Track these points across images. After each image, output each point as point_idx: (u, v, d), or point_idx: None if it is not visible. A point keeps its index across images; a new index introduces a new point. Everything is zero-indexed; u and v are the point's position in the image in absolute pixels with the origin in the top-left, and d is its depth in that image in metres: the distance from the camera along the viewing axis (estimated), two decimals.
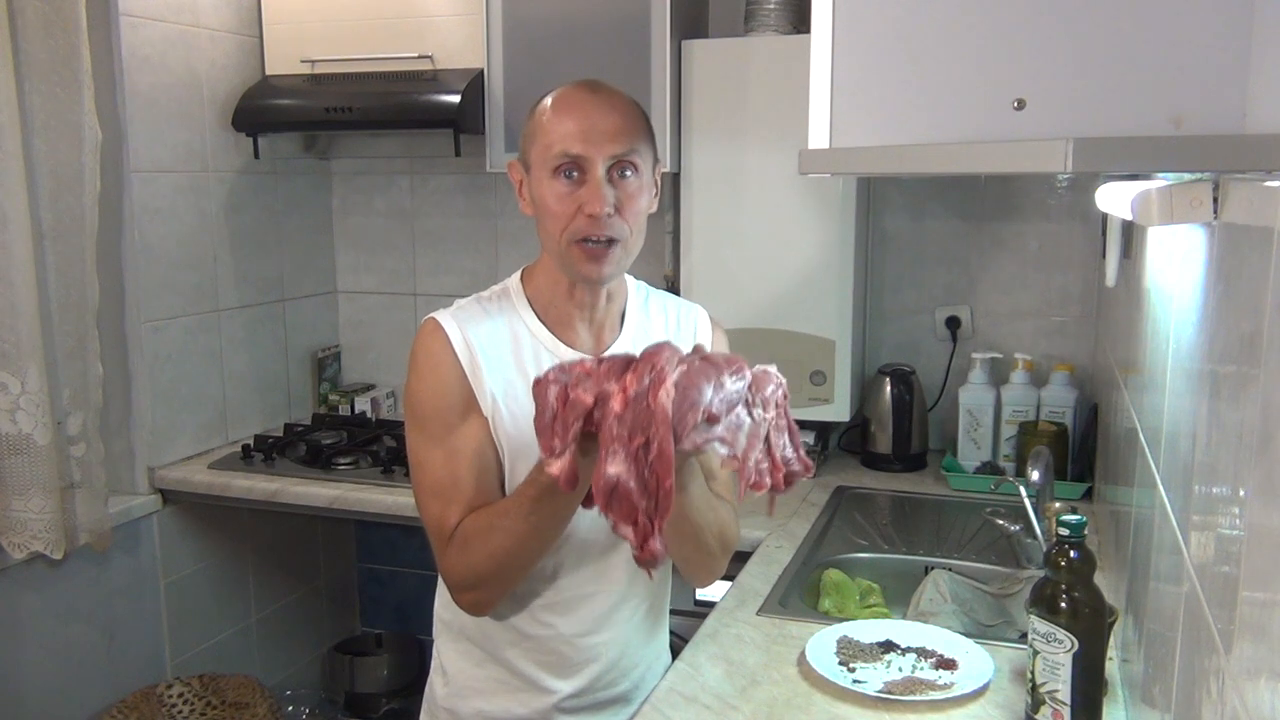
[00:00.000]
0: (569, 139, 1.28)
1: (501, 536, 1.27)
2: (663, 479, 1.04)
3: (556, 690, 1.41)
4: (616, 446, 1.05)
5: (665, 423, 1.04)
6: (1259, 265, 0.72)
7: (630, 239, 1.32)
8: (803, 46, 1.04)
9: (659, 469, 1.04)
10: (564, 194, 1.29)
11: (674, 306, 1.51)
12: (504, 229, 2.95)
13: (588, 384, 1.10)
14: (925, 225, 2.64)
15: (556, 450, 1.10)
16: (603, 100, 1.31)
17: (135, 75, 2.38)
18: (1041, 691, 1.24)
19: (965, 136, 0.93)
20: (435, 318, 1.36)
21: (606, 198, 1.28)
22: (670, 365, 1.08)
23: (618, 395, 1.07)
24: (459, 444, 1.32)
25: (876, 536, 2.07)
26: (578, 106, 1.30)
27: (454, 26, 2.59)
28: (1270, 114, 0.78)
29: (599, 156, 1.28)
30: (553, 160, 1.29)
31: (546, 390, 1.11)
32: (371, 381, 3.11)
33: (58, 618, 2.28)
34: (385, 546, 3.17)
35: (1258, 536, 0.68)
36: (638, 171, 1.31)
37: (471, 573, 1.30)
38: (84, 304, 2.24)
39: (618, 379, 1.09)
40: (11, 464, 2.12)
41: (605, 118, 1.29)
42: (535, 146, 1.32)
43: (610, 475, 1.05)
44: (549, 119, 1.31)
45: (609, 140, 1.28)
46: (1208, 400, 0.89)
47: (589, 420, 1.09)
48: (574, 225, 1.29)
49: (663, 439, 1.04)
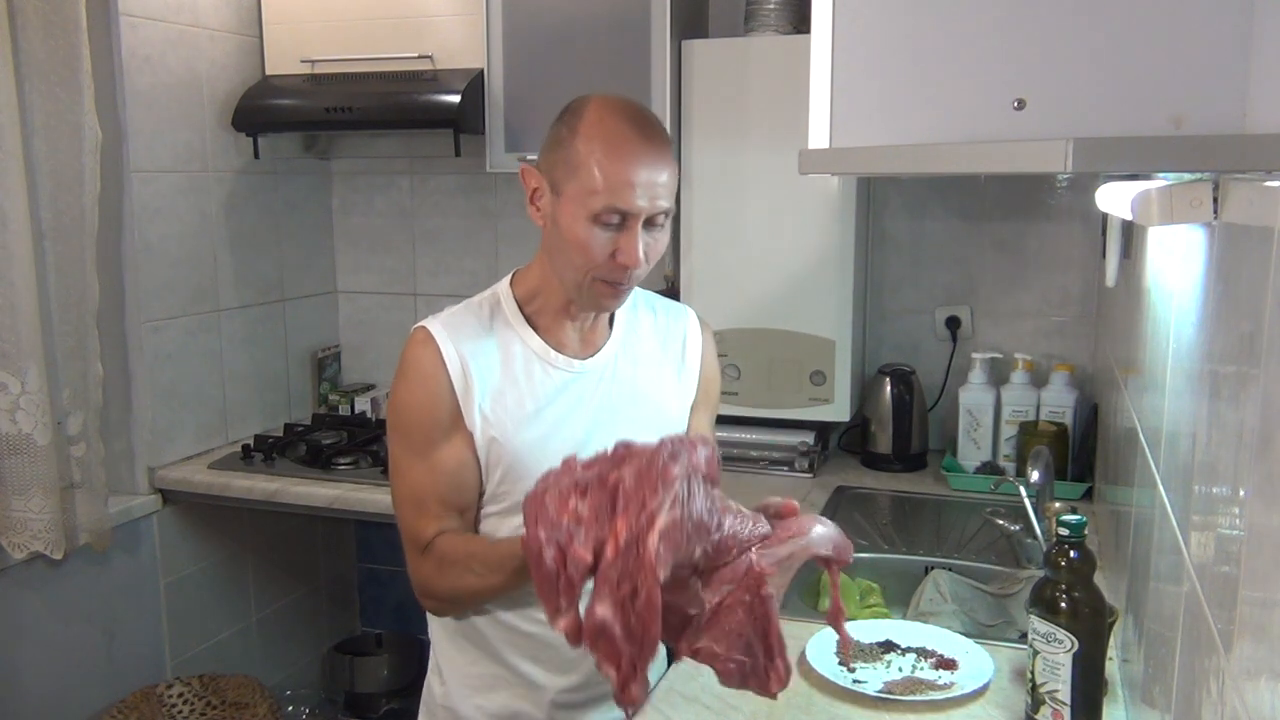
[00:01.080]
0: (622, 192, 1.23)
1: (473, 579, 1.32)
2: (648, 626, 1.03)
3: (553, 686, 1.41)
4: (605, 591, 1.04)
5: (652, 573, 1.02)
6: (1259, 265, 0.72)
7: (645, 274, 1.33)
8: (803, 46, 1.04)
9: (646, 616, 1.03)
10: (604, 241, 1.26)
11: (663, 309, 1.51)
12: (504, 229, 2.95)
13: (581, 536, 1.07)
14: (925, 225, 2.64)
15: (562, 609, 1.08)
16: (654, 149, 1.26)
17: (135, 75, 2.38)
18: (1041, 691, 1.24)
19: (965, 136, 0.93)
20: (427, 327, 1.36)
21: (643, 250, 1.27)
22: (662, 507, 1.05)
23: (610, 543, 1.05)
24: (440, 459, 1.33)
25: (876, 536, 2.07)
26: (630, 153, 1.24)
27: (454, 26, 2.59)
28: (1270, 114, 0.78)
29: (645, 213, 1.26)
30: (598, 207, 1.24)
31: (541, 549, 1.08)
32: (371, 381, 3.11)
33: (58, 618, 2.28)
34: (385, 546, 3.17)
35: (1258, 536, 0.68)
36: (668, 217, 1.30)
37: (436, 590, 1.36)
38: (84, 304, 2.24)
39: (608, 523, 1.06)
40: (11, 464, 2.12)
41: (658, 172, 1.25)
42: (575, 180, 1.26)
43: (598, 618, 1.04)
44: (599, 159, 1.24)
45: (660, 198, 1.26)
46: (1208, 400, 0.89)
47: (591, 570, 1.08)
48: (603, 268, 1.28)
49: (649, 588, 1.03)
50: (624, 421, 1.38)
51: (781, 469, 2.47)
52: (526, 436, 1.33)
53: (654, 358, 1.46)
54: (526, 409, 1.34)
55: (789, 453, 2.46)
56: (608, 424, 1.37)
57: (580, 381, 1.38)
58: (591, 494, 1.08)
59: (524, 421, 1.34)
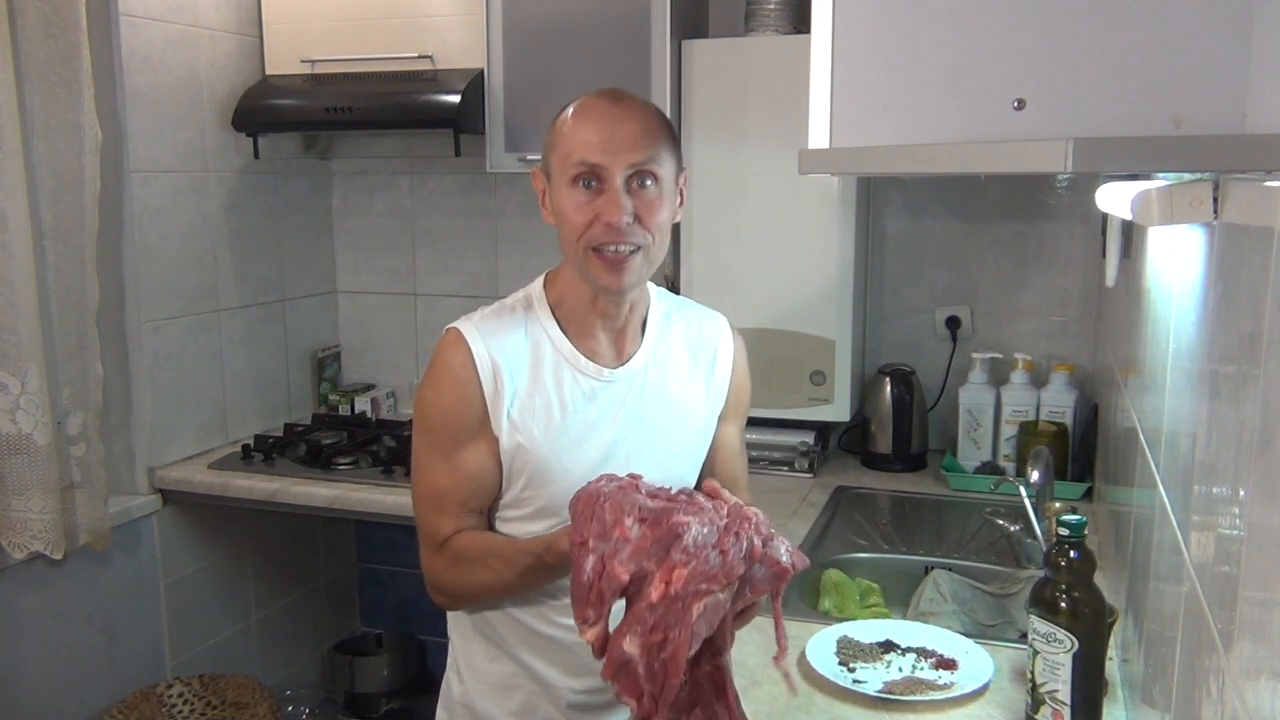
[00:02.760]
0: (587, 148, 1.26)
1: (489, 575, 1.32)
2: (670, 677, 1.06)
3: (569, 688, 1.41)
4: (637, 629, 1.06)
5: (688, 635, 1.05)
6: (1259, 265, 0.72)
7: (652, 247, 1.30)
8: (803, 46, 1.04)
9: (669, 667, 1.05)
10: (582, 203, 1.27)
11: (696, 316, 1.49)
12: (504, 229, 2.95)
13: (625, 555, 1.08)
14: (925, 225, 2.64)
15: (590, 620, 1.10)
16: (623, 109, 1.29)
17: (135, 75, 2.38)
18: (1041, 691, 1.24)
19: (965, 136, 0.93)
20: (459, 329, 1.34)
21: (625, 207, 1.26)
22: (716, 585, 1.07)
23: (659, 585, 1.06)
24: (463, 461, 1.33)
25: (876, 536, 2.07)
26: (597, 115, 1.28)
27: (454, 26, 2.59)
28: (1270, 114, 0.78)
29: (617, 166, 1.26)
30: (571, 169, 1.27)
31: (584, 558, 1.10)
32: (371, 381, 3.11)
33: (58, 618, 2.28)
34: (385, 546, 3.17)
35: (1258, 536, 0.68)
36: (658, 181, 1.29)
37: (450, 586, 1.36)
38: (84, 304, 2.24)
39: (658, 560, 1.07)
40: (11, 464, 2.12)
41: (625, 126, 1.27)
42: (555, 155, 1.30)
43: (624, 653, 1.06)
44: (569, 128, 1.29)
45: (628, 149, 1.26)
46: (1208, 400, 0.89)
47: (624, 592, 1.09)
48: (591, 233, 1.27)
49: (679, 647, 1.05)
50: (652, 430, 1.38)
51: (781, 469, 2.47)
52: (554, 443, 1.33)
53: (684, 366, 1.44)
54: (554, 415, 1.34)
55: (789, 453, 2.46)
56: (636, 433, 1.37)
57: (610, 390, 1.37)
58: (651, 525, 1.09)
59: (551, 428, 1.33)
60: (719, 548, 1.07)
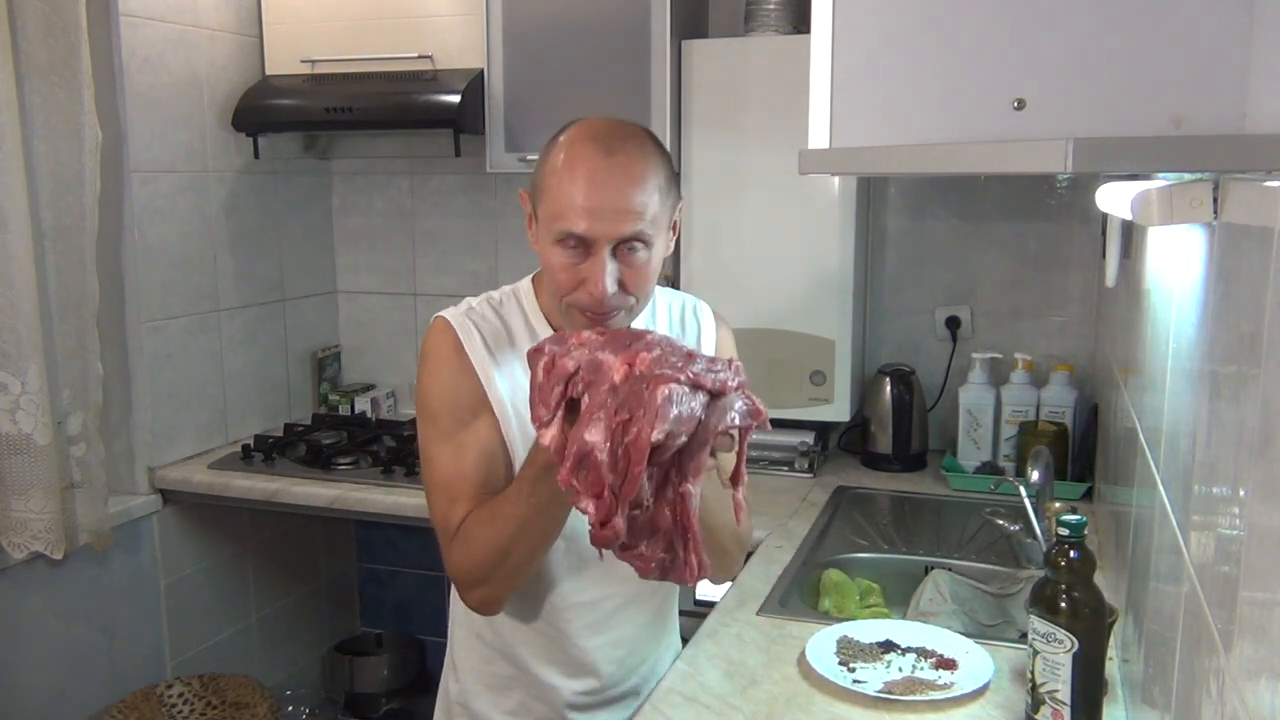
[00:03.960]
0: (574, 214, 1.19)
1: (503, 523, 1.24)
2: (634, 464, 1.02)
3: (566, 688, 1.42)
4: (600, 415, 1.03)
5: (654, 415, 1.01)
6: (1259, 265, 0.72)
7: (636, 304, 1.27)
8: (803, 46, 1.04)
9: (632, 453, 1.02)
10: (567, 264, 1.22)
11: (678, 303, 1.50)
12: (504, 229, 2.95)
13: (578, 352, 1.08)
14: (925, 225, 2.64)
15: (544, 419, 1.08)
16: (617, 169, 1.20)
17: (135, 75, 2.38)
18: (1041, 691, 1.24)
19: (965, 136, 0.93)
20: (445, 316, 1.35)
21: (610, 276, 1.21)
22: (694, 367, 1.05)
23: (620, 366, 1.05)
24: (467, 440, 1.31)
25: (876, 536, 2.07)
26: (587, 179, 1.20)
27: (454, 26, 2.59)
28: (1270, 114, 0.78)
29: (604, 238, 1.20)
30: (555, 232, 1.22)
31: (538, 360, 1.10)
32: (371, 381, 3.11)
33: (58, 618, 2.28)
34: (385, 546, 3.17)
35: (1258, 536, 0.68)
36: (648, 246, 1.23)
37: (476, 565, 1.27)
38: (84, 304, 2.24)
39: (621, 351, 1.07)
40: (11, 464, 2.12)
41: (617, 195, 1.19)
42: (543, 202, 1.25)
43: (586, 441, 1.02)
44: (557, 180, 1.22)
45: (616, 220, 1.19)
46: (1208, 400, 0.89)
47: (570, 387, 1.07)
48: (574, 296, 1.24)
49: (643, 427, 1.01)
50: None
51: (781, 469, 2.47)
52: None
53: None
54: None
55: (789, 453, 2.46)
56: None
57: None
58: (611, 335, 1.10)
59: None
60: (686, 357, 1.07)
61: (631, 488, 1.02)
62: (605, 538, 1.04)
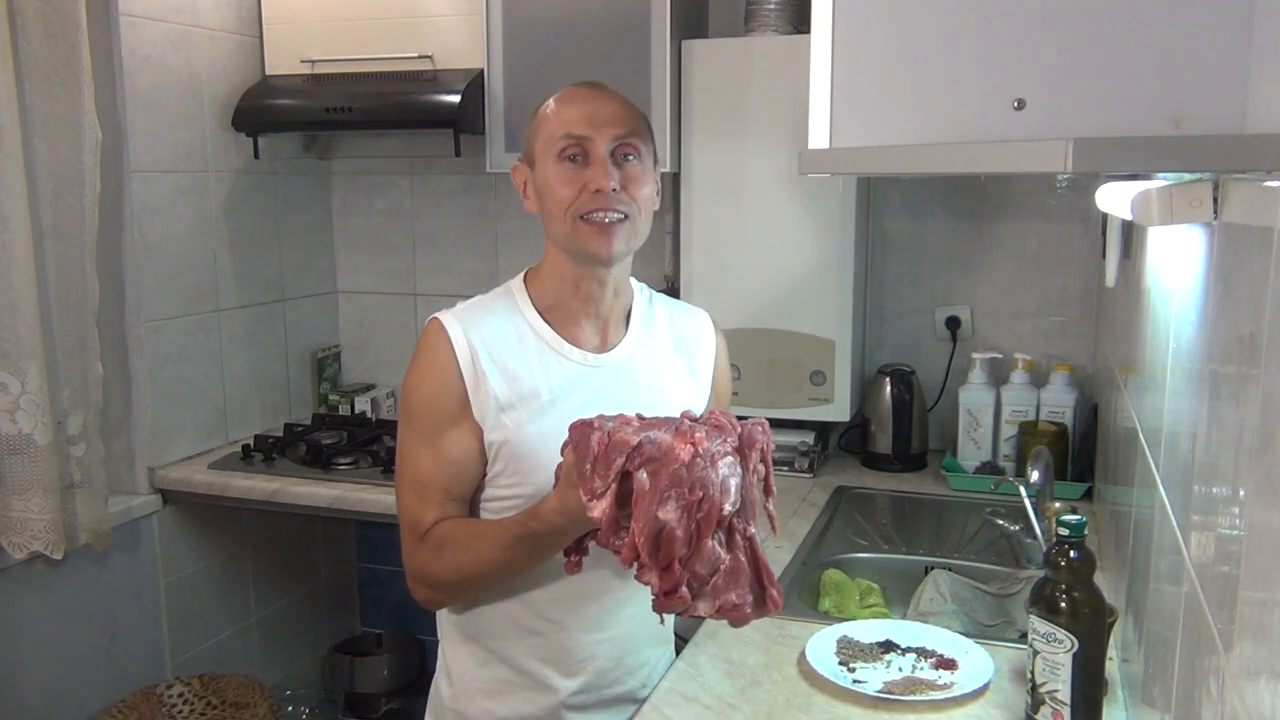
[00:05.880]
0: (572, 122, 1.32)
1: (472, 558, 1.31)
2: (702, 536, 1.09)
3: (562, 688, 1.41)
4: (672, 493, 1.08)
5: (721, 491, 1.09)
6: (1259, 265, 0.72)
7: (638, 218, 1.34)
8: (803, 46, 1.05)
9: (703, 527, 1.09)
10: (569, 177, 1.32)
11: (679, 311, 1.52)
12: (504, 229, 2.95)
13: (629, 430, 1.13)
14: (925, 225, 2.64)
15: (598, 491, 1.11)
16: (604, 93, 1.36)
17: (135, 75, 2.38)
18: (1041, 691, 1.24)
19: (965, 136, 0.93)
20: (440, 319, 1.36)
21: (612, 174, 1.31)
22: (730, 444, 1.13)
23: (685, 446, 1.10)
24: (445, 446, 1.34)
25: (876, 536, 2.07)
26: (579, 97, 1.36)
27: (454, 26, 2.59)
28: (1270, 114, 0.78)
29: (602, 138, 1.31)
30: (557, 144, 1.32)
31: (589, 434, 1.13)
32: (371, 381, 3.11)
33: (58, 618, 2.28)
34: (385, 546, 3.17)
35: (1258, 536, 0.68)
36: (640, 157, 1.34)
37: (434, 576, 1.35)
38: (84, 304, 2.24)
39: (673, 431, 1.12)
40: (11, 464, 2.12)
41: (606, 105, 1.34)
42: (539, 138, 1.36)
43: (659, 519, 1.08)
44: (552, 111, 1.36)
45: (611, 123, 1.32)
46: (1208, 400, 0.89)
47: (629, 462, 1.11)
48: (579, 202, 1.31)
49: (717, 503, 1.09)
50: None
51: (781, 469, 2.46)
52: (539, 427, 1.33)
53: (668, 357, 1.47)
54: (542, 399, 1.35)
55: (789, 453, 2.46)
56: None
57: (596, 376, 1.39)
58: (648, 420, 1.17)
59: (538, 412, 1.34)
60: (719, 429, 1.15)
61: (701, 557, 1.09)
62: (671, 605, 1.11)
